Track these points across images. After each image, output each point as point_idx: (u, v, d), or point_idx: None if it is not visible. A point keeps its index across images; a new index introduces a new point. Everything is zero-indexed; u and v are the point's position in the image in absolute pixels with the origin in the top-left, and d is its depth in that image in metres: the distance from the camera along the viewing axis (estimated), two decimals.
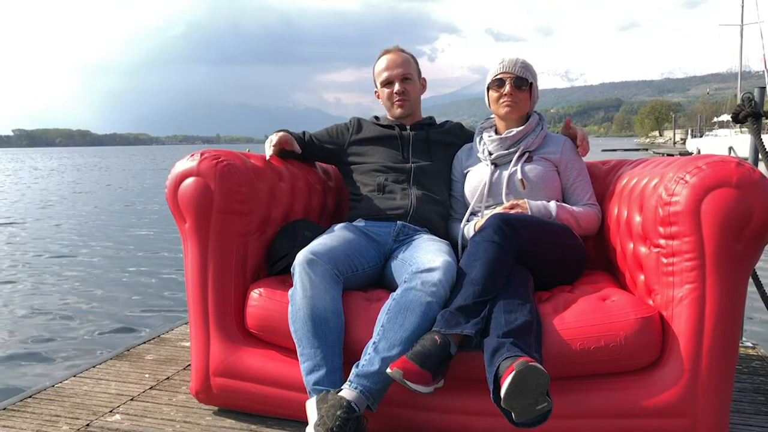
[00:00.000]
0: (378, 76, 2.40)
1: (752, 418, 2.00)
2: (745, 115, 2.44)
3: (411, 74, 2.37)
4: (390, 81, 2.36)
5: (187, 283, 2.02)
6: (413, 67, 2.39)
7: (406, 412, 1.80)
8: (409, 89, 2.36)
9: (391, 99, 2.37)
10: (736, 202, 1.53)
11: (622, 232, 1.98)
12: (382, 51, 2.42)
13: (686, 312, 1.62)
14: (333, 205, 2.58)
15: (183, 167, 1.98)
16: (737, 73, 48.88)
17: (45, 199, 16.68)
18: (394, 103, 2.37)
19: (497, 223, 1.79)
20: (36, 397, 2.15)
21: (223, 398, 2.01)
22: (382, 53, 2.42)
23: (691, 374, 1.61)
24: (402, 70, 2.34)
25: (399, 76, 2.34)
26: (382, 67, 2.37)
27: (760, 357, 2.56)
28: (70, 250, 8.41)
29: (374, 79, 2.45)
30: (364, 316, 1.83)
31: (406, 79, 2.35)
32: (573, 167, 2.22)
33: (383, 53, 2.41)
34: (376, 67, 2.42)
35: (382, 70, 2.37)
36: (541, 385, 1.46)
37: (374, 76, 2.44)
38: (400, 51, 2.40)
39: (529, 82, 2.19)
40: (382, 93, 2.41)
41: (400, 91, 2.34)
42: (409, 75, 2.36)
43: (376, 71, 2.41)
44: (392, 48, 2.41)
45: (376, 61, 2.43)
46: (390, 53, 2.38)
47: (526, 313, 1.66)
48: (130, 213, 13.21)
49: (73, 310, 5.23)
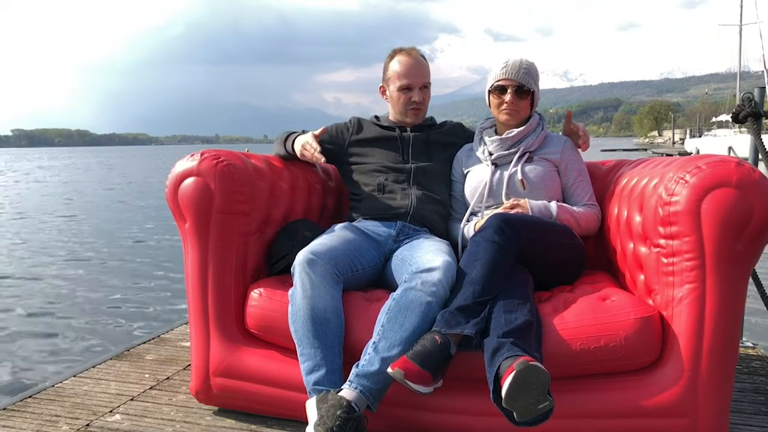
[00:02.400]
0: (396, 79, 2.28)
1: (752, 418, 2.00)
2: (745, 115, 2.45)
3: (429, 82, 2.32)
4: (409, 87, 2.28)
5: (187, 283, 2.02)
6: (429, 73, 2.33)
7: (406, 412, 1.80)
8: (426, 98, 2.33)
9: (407, 105, 2.30)
10: (736, 202, 1.53)
11: (622, 232, 1.98)
12: (398, 50, 2.32)
13: (686, 312, 1.62)
14: (333, 205, 2.58)
15: (183, 167, 1.98)
16: (736, 73, 48.93)
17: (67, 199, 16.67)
18: (410, 110, 2.31)
19: (497, 223, 1.79)
20: (36, 397, 2.15)
21: (223, 398, 2.01)
22: (398, 52, 2.30)
23: (691, 374, 1.61)
24: (423, 79, 2.29)
25: (419, 84, 2.28)
26: (401, 71, 2.26)
27: (760, 357, 2.57)
28: (72, 248, 8.41)
29: (385, 77, 2.34)
30: (364, 316, 1.83)
31: (425, 88, 2.31)
32: (573, 167, 2.22)
33: (400, 54, 2.29)
34: (391, 66, 2.30)
35: (402, 75, 2.26)
36: (542, 384, 1.46)
37: (387, 75, 2.33)
38: (420, 56, 2.30)
39: (531, 90, 2.17)
40: (396, 96, 2.31)
41: (420, 100, 2.29)
42: (428, 83, 2.32)
43: (393, 73, 2.29)
44: (410, 49, 2.31)
45: (390, 59, 2.32)
46: (410, 57, 2.28)
47: (526, 313, 1.66)
48: (133, 212, 13.22)
49: (73, 310, 5.23)
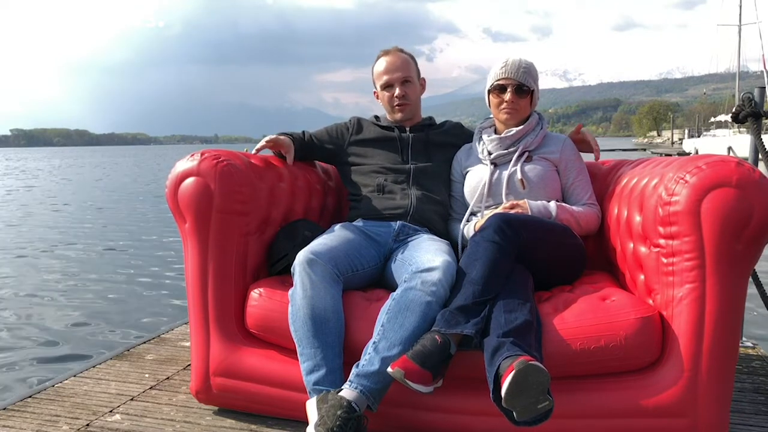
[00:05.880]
0: (377, 79, 2.35)
1: (752, 418, 2.00)
2: (745, 115, 2.45)
3: (411, 76, 2.33)
4: (390, 84, 2.31)
5: (187, 283, 2.02)
6: (413, 68, 2.35)
7: (406, 412, 1.80)
8: (409, 92, 2.33)
9: (391, 103, 2.33)
10: (736, 201, 1.53)
11: (622, 231, 1.98)
12: (381, 52, 2.37)
13: (686, 312, 1.62)
14: (333, 205, 2.58)
15: (183, 167, 1.98)
16: (735, 73, 48.97)
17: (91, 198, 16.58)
18: (395, 107, 2.33)
19: (497, 223, 1.79)
20: (36, 397, 2.15)
21: (223, 398, 2.01)
22: (380, 54, 2.36)
23: (691, 374, 1.61)
24: (401, 74, 2.30)
25: (399, 80, 2.30)
26: (381, 69, 2.33)
27: (760, 357, 2.57)
28: (75, 248, 8.41)
29: (373, 81, 2.40)
30: (364, 316, 1.83)
31: (406, 82, 2.31)
32: (572, 167, 2.22)
33: (382, 54, 2.36)
34: (375, 68, 2.37)
35: (382, 72, 2.32)
36: (541, 384, 1.46)
37: (373, 78, 2.39)
38: (399, 52, 2.34)
39: (531, 89, 2.18)
40: (382, 96, 2.36)
41: (401, 95, 2.30)
42: (409, 77, 2.32)
43: (375, 73, 2.36)
44: (391, 49, 2.36)
45: (375, 62, 2.38)
46: (389, 55, 2.33)
47: (526, 313, 1.66)
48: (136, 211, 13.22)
49: (73, 310, 5.22)
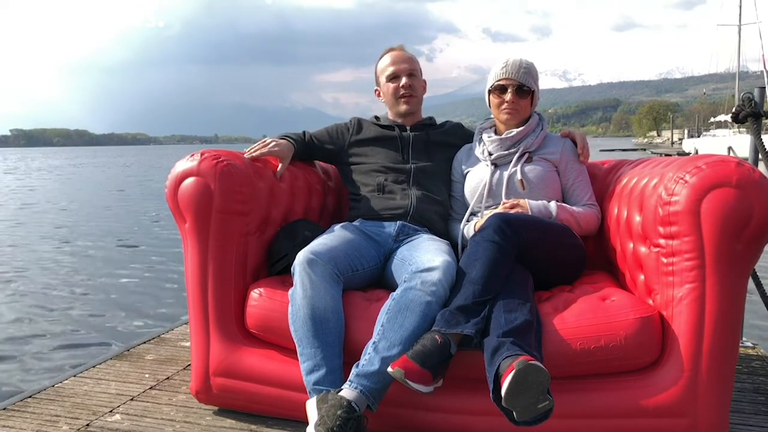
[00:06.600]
0: (383, 72, 2.38)
1: (752, 418, 2.00)
2: (746, 115, 2.45)
3: (417, 71, 2.38)
4: (396, 75, 2.34)
5: (187, 283, 2.02)
6: (418, 65, 2.40)
7: (406, 412, 1.80)
8: (415, 85, 2.37)
9: (396, 94, 2.35)
10: (736, 201, 1.53)
11: (622, 232, 1.98)
12: (386, 49, 2.43)
13: (686, 312, 1.62)
14: (333, 205, 2.58)
15: (183, 167, 1.98)
16: (735, 73, 48.96)
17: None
18: (400, 98, 2.35)
19: (497, 223, 1.79)
20: (36, 397, 2.15)
21: (223, 398, 2.01)
22: (386, 51, 2.42)
23: (691, 374, 1.61)
24: (408, 66, 2.35)
25: (406, 71, 2.34)
26: (387, 62, 2.37)
27: (760, 357, 2.57)
28: (76, 247, 8.41)
29: (376, 77, 2.43)
30: (364, 316, 1.83)
31: (412, 75, 2.35)
32: (572, 168, 2.22)
33: (387, 51, 2.41)
34: (379, 64, 2.41)
35: (388, 65, 2.36)
36: (541, 384, 1.46)
37: (377, 74, 2.42)
38: (404, 50, 2.41)
39: (532, 89, 2.18)
40: (386, 89, 2.38)
41: (407, 84, 2.33)
42: (415, 72, 2.37)
43: (381, 67, 2.40)
44: (396, 46, 2.42)
45: (379, 59, 2.43)
46: (395, 50, 2.39)
47: (526, 313, 1.66)
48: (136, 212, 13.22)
49: (73, 309, 5.22)
